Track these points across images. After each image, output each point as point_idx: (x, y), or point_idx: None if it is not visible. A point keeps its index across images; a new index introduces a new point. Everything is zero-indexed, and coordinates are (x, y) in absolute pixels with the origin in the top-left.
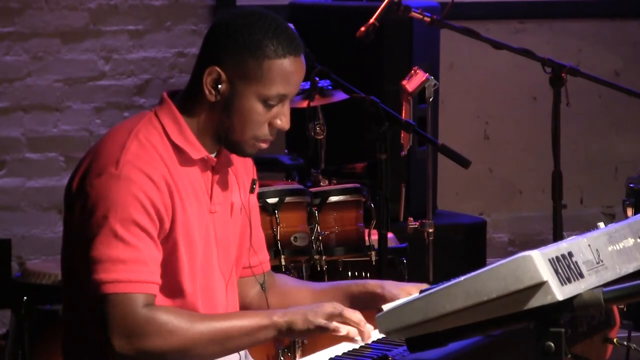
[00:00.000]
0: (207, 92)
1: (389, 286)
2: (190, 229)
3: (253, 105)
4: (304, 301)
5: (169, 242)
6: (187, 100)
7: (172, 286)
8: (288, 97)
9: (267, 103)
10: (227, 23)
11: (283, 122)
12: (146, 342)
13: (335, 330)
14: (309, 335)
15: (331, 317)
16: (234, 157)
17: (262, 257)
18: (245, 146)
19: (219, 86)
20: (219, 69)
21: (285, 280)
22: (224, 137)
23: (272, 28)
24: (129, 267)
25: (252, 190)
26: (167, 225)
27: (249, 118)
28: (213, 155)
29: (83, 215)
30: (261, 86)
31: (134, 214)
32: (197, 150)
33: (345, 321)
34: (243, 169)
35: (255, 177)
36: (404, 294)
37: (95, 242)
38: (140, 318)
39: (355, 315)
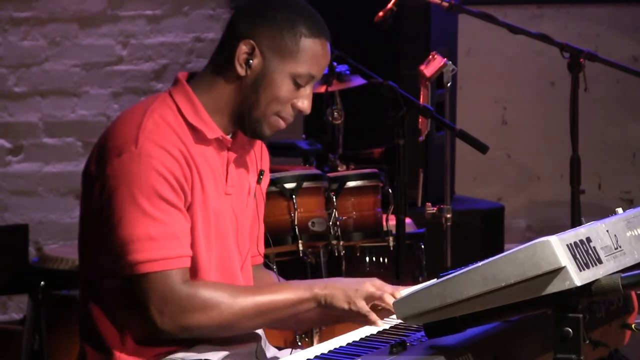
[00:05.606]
0: (237, 66)
1: None
2: (208, 206)
3: (283, 81)
4: None
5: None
6: (206, 80)
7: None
8: (314, 79)
9: (296, 82)
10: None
11: (305, 105)
12: (190, 319)
13: (374, 322)
14: (345, 314)
15: (371, 298)
16: (251, 143)
17: (260, 249)
18: (265, 124)
19: (251, 61)
20: (253, 43)
21: (262, 275)
22: (247, 113)
23: (306, 9)
24: (161, 243)
25: (259, 181)
26: (189, 198)
27: (277, 94)
28: (229, 137)
29: (104, 196)
30: (295, 63)
31: (158, 188)
32: (212, 129)
33: (382, 303)
34: (259, 154)
35: (264, 169)
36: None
37: (124, 222)
38: (181, 295)
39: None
